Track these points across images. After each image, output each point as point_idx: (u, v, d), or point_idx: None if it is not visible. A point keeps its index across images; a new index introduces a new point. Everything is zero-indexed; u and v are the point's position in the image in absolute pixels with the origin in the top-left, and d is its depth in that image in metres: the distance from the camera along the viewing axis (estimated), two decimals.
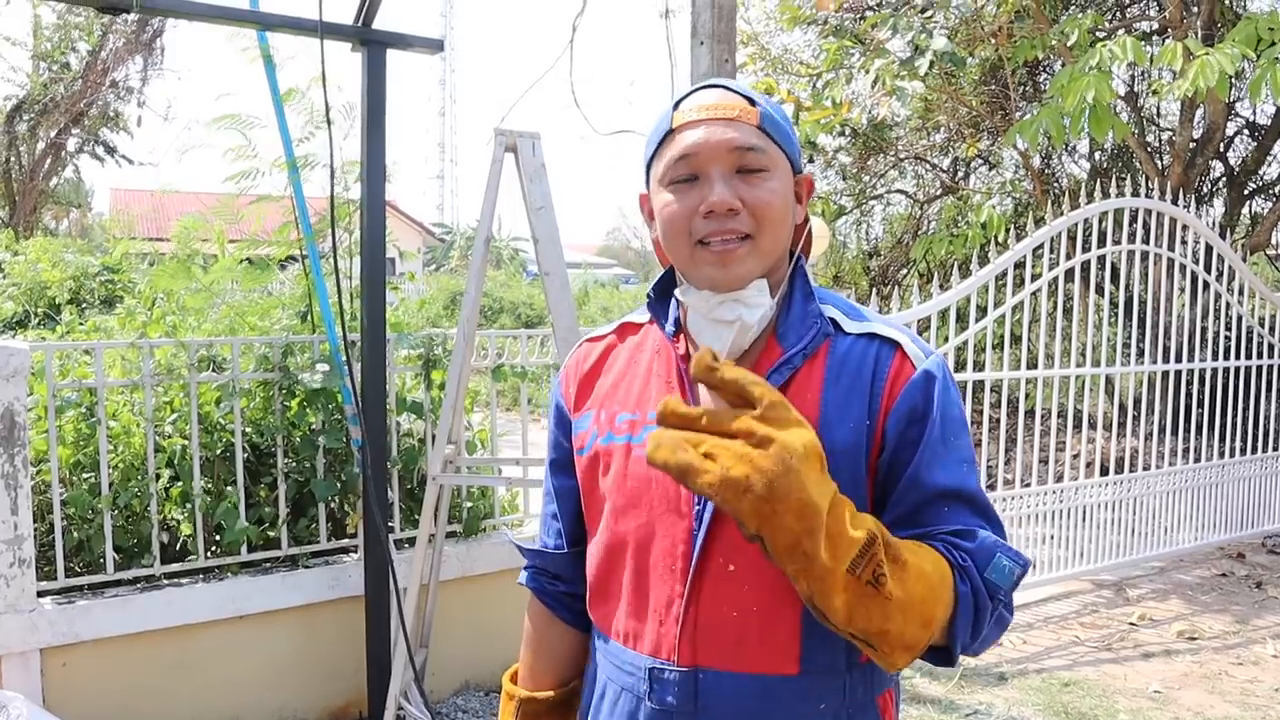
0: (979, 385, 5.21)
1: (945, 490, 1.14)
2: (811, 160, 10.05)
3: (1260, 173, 9.23)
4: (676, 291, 1.26)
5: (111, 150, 19.94)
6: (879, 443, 1.16)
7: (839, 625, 1.03)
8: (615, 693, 1.24)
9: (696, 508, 1.16)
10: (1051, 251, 5.12)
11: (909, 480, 1.14)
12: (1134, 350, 6.13)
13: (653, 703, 1.19)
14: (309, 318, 3.89)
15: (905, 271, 10.67)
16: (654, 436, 0.99)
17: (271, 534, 3.63)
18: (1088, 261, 5.37)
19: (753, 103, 1.21)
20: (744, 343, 1.18)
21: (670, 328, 1.26)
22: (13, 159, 17.84)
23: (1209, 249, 5.99)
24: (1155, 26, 8.28)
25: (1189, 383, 6.20)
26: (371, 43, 3.33)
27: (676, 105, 1.23)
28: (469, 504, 4.02)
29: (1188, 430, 6.20)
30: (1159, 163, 8.54)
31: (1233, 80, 7.00)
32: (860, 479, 1.15)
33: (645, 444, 1.07)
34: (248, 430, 3.61)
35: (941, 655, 1.12)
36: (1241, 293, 6.18)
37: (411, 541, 3.79)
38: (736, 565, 1.14)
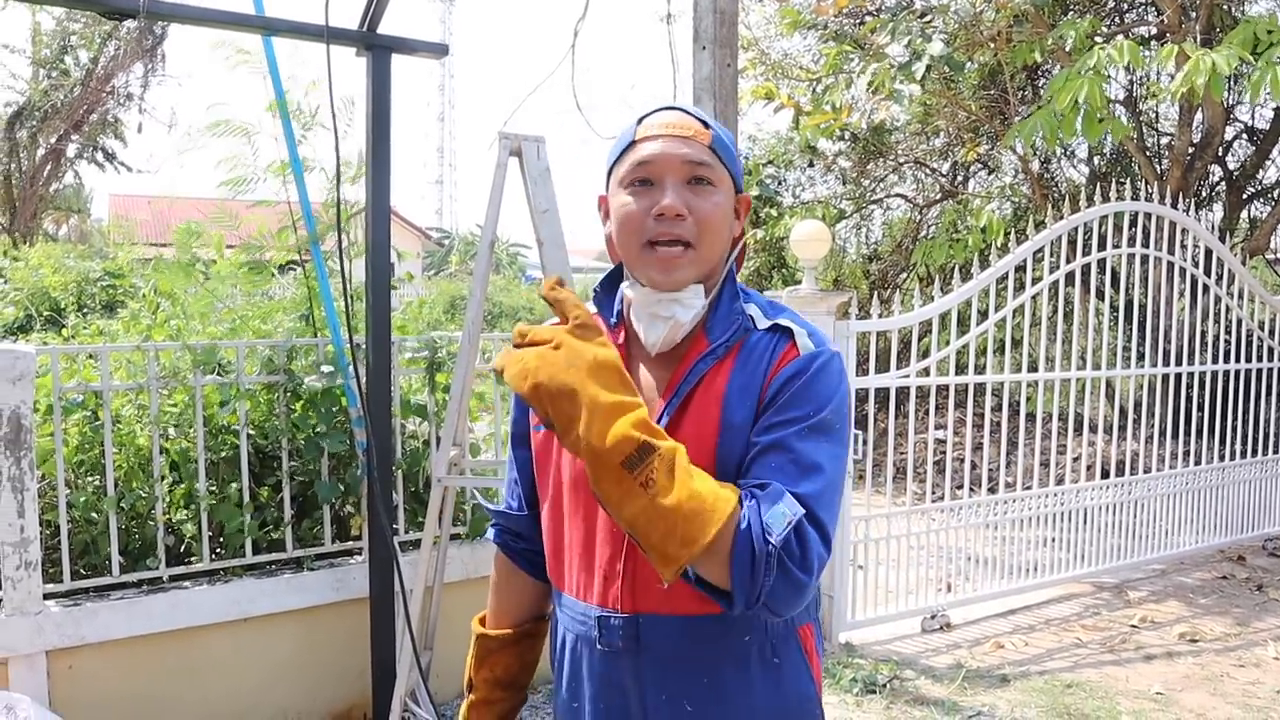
0: (979, 388, 5.24)
1: (773, 444, 1.26)
2: (811, 165, 10.08)
3: (1259, 177, 9.25)
4: (623, 285, 1.43)
5: (111, 156, 19.98)
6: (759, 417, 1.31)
7: (614, 516, 1.18)
8: (572, 640, 1.43)
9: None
10: (1051, 255, 5.15)
11: (753, 435, 1.29)
12: (1134, 354, 6.15)
13: (603, 645, 1.38)
14: (310, 320, 3.91)
15: (905, 275, 10.70)
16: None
17: (276, 536, 3.64)
18: (1087, 265, 5.39)
19: (707, 125, 1.38)
20: (675, 337, 1.36)
21: (613, 319, 1.44)
22: (13, 165, 17.85)
23: (1208, 253, 6.01)
24: (1153, 31, 8.31)
25: (1189, 386, 6.22)
26: (376, 47, 3.34)
27: (640, 120, 1.39)
28: (471, 504, 4.03)
29: (1188, 433, 6.22)
30: (1158, 167, 8.56)
31: (1230, 84, 7.04)
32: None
33: None
34: (252, 433, 3.62)
35: (725, 597, 1.21)
36: (1241, 296, 6.20)
37: (415, 544, 3.80)
38: None
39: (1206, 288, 6.06)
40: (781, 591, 1.19)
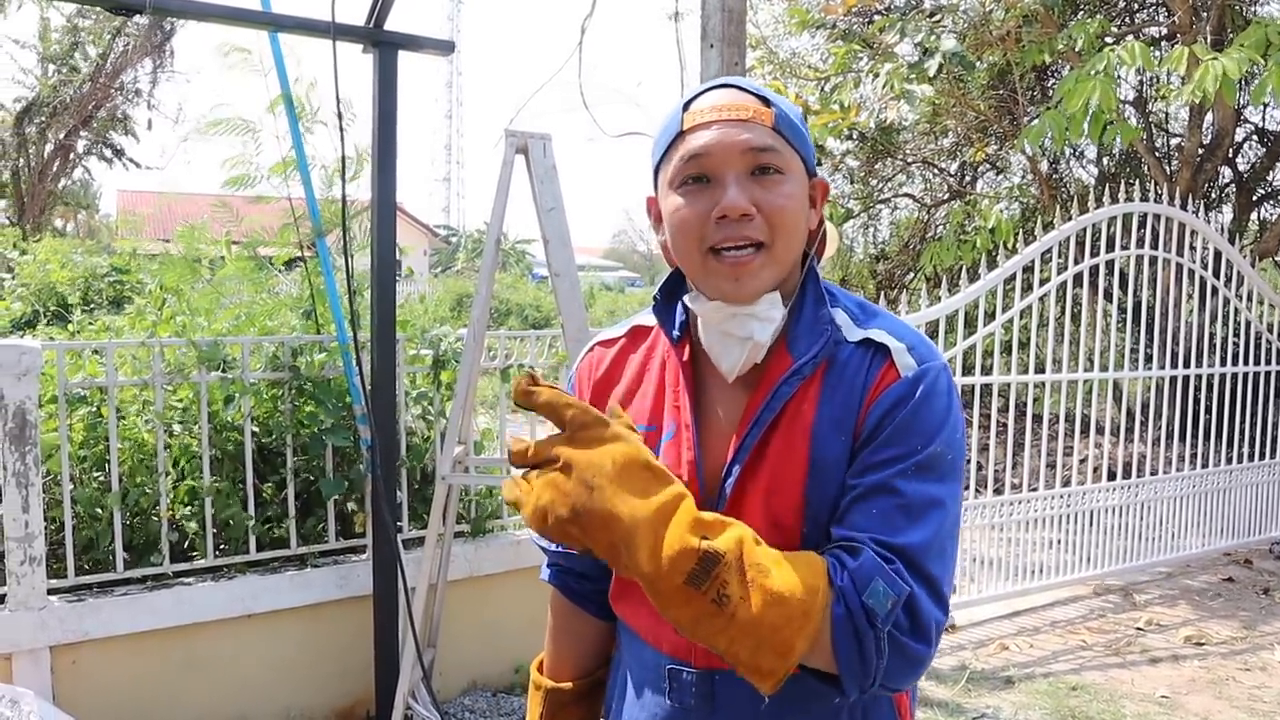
0: (986, 389, 5.22)
1: (874, 487, 1.09)
2: (819, 164, 10.06)
3: (1269, 179, 9.22)
4: (686, 298, 1.22)
5: (119, 153, 20.04)
6: (853, 455, 1.13)
7: (690, 639, 1.04)
8: (638, 686, 1.27)
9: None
10: (1059, 256, 5.12)
11: (849, 477, 1.11)
12: (1142, 355, 6.12)
13: (672, 701, 1.22)
14: (313, 317, 3.91)
15: (912, 276, 10.67)
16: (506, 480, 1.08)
17: (279, 533, 3.64)
18: (1096, 266, 5.36)
19: (767, 102, 1.17)
20: (756, 358, 1.17)
21: (675, 333, 1.24)
22: (22, 160, 17.91)
23: (1217, 254, 5.98)
24: (1164, 32, 8.27)
25: (1197, 388, 6.19)
26: (383, 44, 3.34)
27: (686, 105, 1.19)
28: (474, 500, 4.02)
29: (1195, 436, 6.19)
30: (1167, 168, 8.53)
31: (1241, 85, 7.00)
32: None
33: (661, 457, 1.16)
34: (256, 429, 3.62)
35: (835, 682, 1.06)
36: (1250, 298, 6.17)
37: (419, 541, 3.79)
38: None
39: (1215, 290, 6.03)
40: (898, 669, 1.04)
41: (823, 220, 1.26)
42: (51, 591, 3.17)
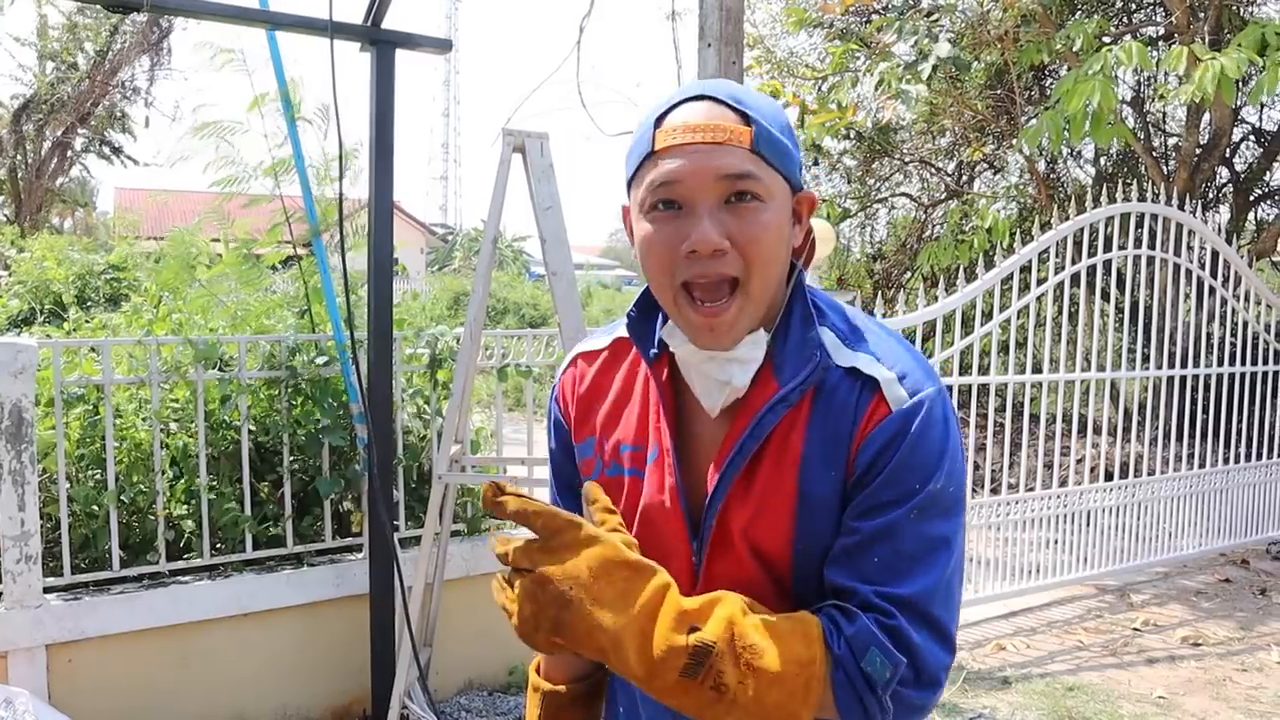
0: (983, 389, 5.21)
1: (875, 534, 1.04)
2: (816, 163, 10.06)
3: (1266, 179, 9.23)
4: (663, 332, 1.16)
5: (117, 150, 20.01)
6: (846, 494, 1.08)
7: None
8: (630, 704, 1.25)
9: (694, 544, 1.14)
10: (1056, 256, 5.12)
11: (848, 519, 1.07)
12: (1139, 355, 6.12)
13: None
14: (308, 316, 3.91)
15: (909, 275, 10.67)
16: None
17: (276, 532, 3.63)
18: (1093, 266, 5.37)
19: (746, 119, 1.07)
20: (738, 393, 1.11)
21: (653, 350, 1.17)
22: (19, 158, 17.88)
23: (1215, 254, 5.99)
24: (1161, 32, 8.28)
25: (1194, 388, 6.20)
26: (381, 42, 3.33)
27: (660, 120, 1.09)
28: (470, 499, 4.02)
29: (1192, 436, 6.20)
30: (1165, 168, 8.54)
31: (1238, 86, 7.01)
32: (838, 529, 1.10)
33: (646, 478, 1.16)
34: (252, 428, 3.62)
35: None
36: (1247, 298, 6.18)
37: (416, 540, 3.79)
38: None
39: (1212, 290, 6.03)
40: (905, 716, 1.04)
41: (809, 231, 1.19)
42: (47, 590, 3.16)
